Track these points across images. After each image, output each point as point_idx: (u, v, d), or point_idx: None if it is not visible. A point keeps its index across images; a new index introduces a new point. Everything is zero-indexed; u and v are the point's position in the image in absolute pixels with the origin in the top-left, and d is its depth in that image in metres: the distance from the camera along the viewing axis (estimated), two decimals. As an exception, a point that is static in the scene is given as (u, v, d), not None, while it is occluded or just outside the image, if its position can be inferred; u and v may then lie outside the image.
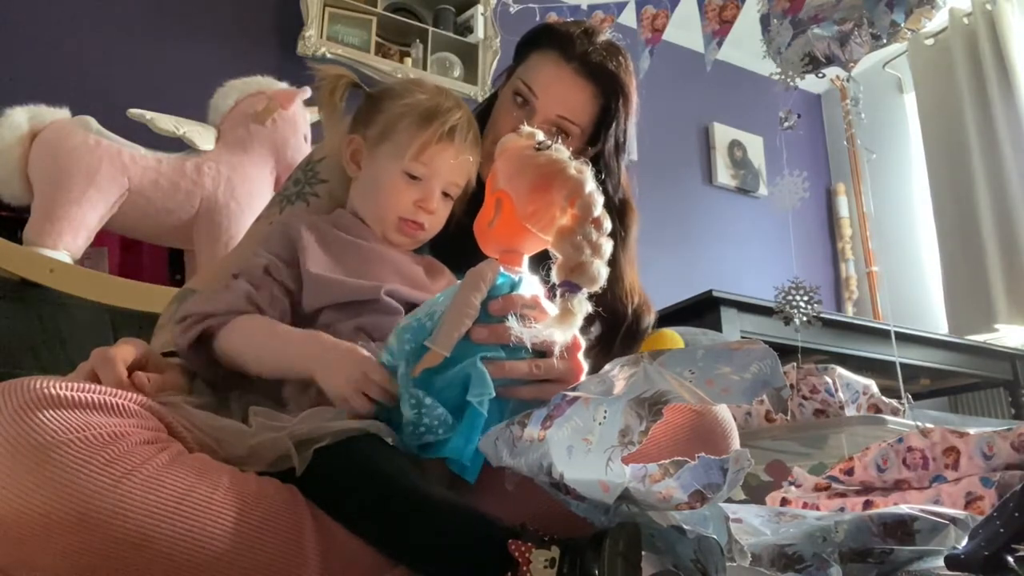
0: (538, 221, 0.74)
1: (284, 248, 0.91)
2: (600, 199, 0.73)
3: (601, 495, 0.63)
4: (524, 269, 0.78)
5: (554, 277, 0.71)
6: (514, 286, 0.77)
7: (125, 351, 0.79)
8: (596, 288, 0.70)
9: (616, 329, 1.08)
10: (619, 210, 1.14)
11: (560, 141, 0.79)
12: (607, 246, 0.72)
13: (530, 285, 0.78)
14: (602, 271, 0.70)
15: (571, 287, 0.69)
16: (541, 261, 0.76)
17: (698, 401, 0.64)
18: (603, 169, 1.10)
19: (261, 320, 0.85)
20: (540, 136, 0.78)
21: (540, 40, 1.11)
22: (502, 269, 0.76)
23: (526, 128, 0.81)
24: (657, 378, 0.66)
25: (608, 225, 0.73)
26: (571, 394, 0.68)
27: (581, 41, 1.07)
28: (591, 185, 0.73)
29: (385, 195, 0.95)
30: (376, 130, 0.97)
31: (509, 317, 0.71)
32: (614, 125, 1.10)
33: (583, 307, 0.70)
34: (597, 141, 1.11)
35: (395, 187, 0.94)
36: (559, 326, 0.69)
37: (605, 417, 0.64)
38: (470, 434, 0.72)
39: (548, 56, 1.08)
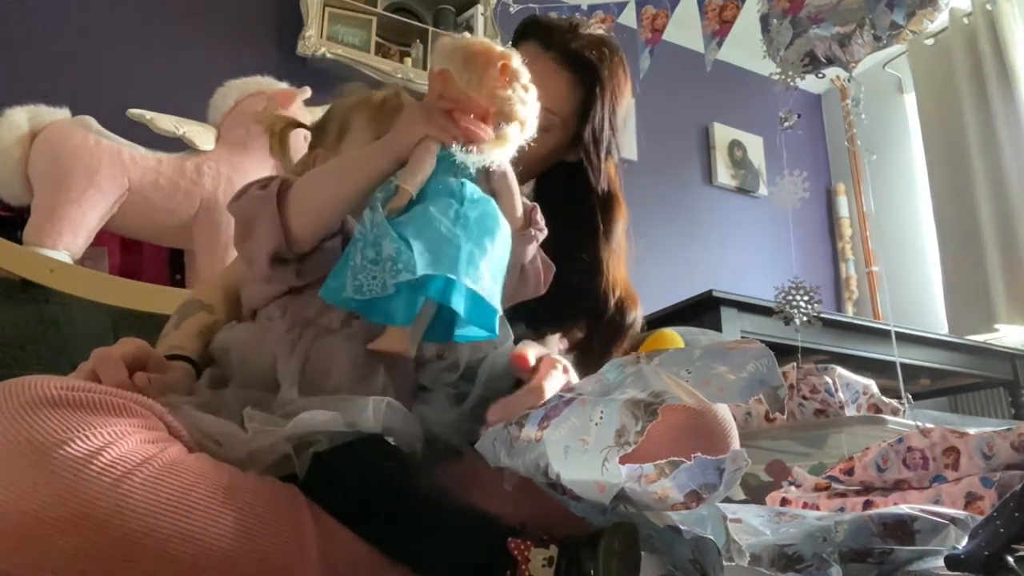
0: (476, 87, 0.80)
1: None
2: (527, 74, 0.81)
3: (597, 495, 0.63)
4: None
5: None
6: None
7: (125, 351, 0.78)
8: (523, 131, 0.80)
9: (598, 323, 1.08)
10: (603, 202, 1.13)
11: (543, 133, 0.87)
12: (535, 107, 0.81)
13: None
14: (531, 119, 0.80)
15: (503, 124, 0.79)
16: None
17: (695, 401, 0.64)
18: (584, 159, 1.10)
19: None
20: (467, 33, 0.86)
21: (525, 32, 1.14)
22: None
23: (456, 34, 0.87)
24: (654, 378, 0.66)
25: (535, 93, 0.81)
26: (568, 395, 0.68)
27: (562, 32, 1.09)
28: (519, 60, 0.81)
29: None
30: (333, 134, 0.98)
31: (453, 146, 0.77)
32: (593, 114, 1.10)
33: (516, 135, 0.79)
34: (581, 132, 1.11)
35: None
36: (496, 149, 0.79)
37: (602, 418, 0.64)
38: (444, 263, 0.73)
39: (528, 47, 1.10)
